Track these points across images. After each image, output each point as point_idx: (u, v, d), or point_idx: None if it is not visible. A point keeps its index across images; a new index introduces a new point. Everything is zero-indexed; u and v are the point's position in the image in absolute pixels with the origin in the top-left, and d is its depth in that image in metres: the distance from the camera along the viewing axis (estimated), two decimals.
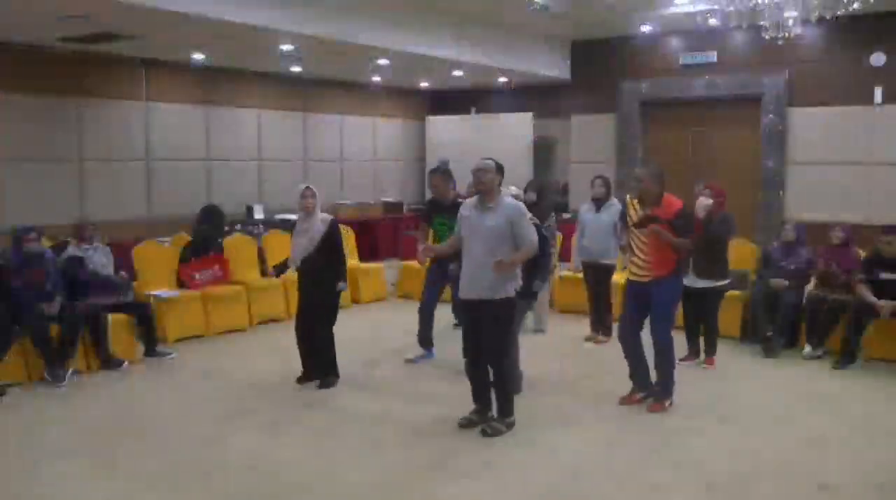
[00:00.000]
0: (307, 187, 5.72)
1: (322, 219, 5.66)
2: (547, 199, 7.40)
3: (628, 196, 5.37)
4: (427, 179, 6.62)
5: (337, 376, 5.80)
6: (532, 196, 7.14)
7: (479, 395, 4.90)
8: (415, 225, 6.70)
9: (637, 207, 5.22)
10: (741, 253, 7.38)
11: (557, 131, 13.23)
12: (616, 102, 12.00)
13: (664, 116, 11.79)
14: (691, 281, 6.32)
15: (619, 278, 7.36)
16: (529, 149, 13.02)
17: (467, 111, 13.89)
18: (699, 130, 11.50)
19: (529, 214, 4.95)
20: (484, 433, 4.75)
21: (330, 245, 5.63)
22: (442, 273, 6.30)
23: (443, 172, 6.54)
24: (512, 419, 4.86)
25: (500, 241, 4.63)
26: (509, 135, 13.14)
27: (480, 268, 4.62)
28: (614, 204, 7.00)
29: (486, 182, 4.70)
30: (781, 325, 6.70)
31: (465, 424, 4.88)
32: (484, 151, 12.90)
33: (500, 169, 4.92)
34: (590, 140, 12.28)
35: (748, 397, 5.60)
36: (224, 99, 11.45)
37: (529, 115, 13.08)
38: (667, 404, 5.26)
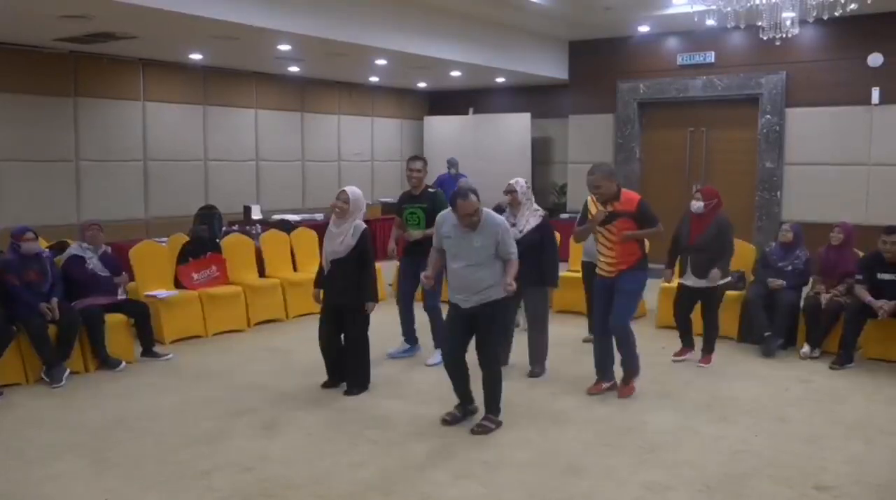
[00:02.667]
0: (342, 190, 5.53)
1: (355, 227, 5.47)
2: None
3: (588, 198, 5.49)
4: (406, 165, 6.62)
5: (366, 386, 5.65)
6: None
7: (462, 391, 5.01)
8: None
9: (598, 205, 5.37)
10: (739, 253, 7.38)
11: (555, 132, 13.25)
12: (614, 102, 12.02)
13: (662, 117, 11.80)
14: (689, 280, 6.35)
15: None
16: (527, 149, 13.03)
17: (465, 111, 13.91)
18: (697, 130, 11.51)
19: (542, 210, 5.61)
20: (474, 432, 4.81)
21: (360, 255, 5.46)
22: (415, 264, 6.29)
23: (424, 159, 6.59)
24: (500, 418, 4.92)
25: (487, 257, 4.75)
26: (507, 135, 13.15)
27: (472, 285, 4.75)
28: None
29: (474, 218, 4.68)
30: (779, 325, 6.71)
31: (450, 420, 4.95)
32: (482, 151, 13.06)
33: (477, 196, 4.76)
34: (588, 140, 12.29)
35: (746, 397, 5.61)
36: (222, 99, 11.45)
37: (527, 115, 13.09)
38: (634, 383, 5.51)
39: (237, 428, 4.95)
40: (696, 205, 6.28)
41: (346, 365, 5.66)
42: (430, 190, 6.55)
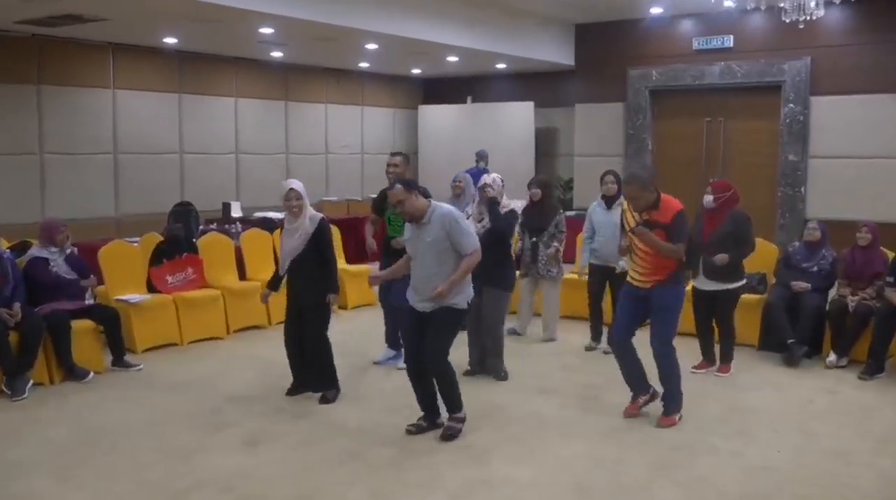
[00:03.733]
0: (290, 189, 5.62)
1: (311, 217, 5.63)
2: (552, 197, 7.46)
3: (624, 201, 5.44)
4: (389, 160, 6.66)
5: (337, 388, 5.77)
6: (536, 193, 7.17)
7: (426, 402, 5.12)
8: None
9: (633, 213, 5.28)
10: (760, 254, 7.39)
11: (561, 122, 13.27)
12: (624, 90, 12.03)
13: (676, 106, 11.82)
14: (701, 283, 6.36)
15: None
16: (530, 141, 13.05)
17: (463, 100, 13.92)
18: (714, 120, 11.54)
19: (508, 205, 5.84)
20: (444, 438, 4.93)
21: (318, 246, 5.60)
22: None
23: (405, 155, 6.65)
24: (463, 412, 5.05)
25: (443, 253, 4.85)
26: (508, 125, 13.17)
27: (421, 280, 4.91)
28: (621, 204, 6.96)
29: (407, 211, 4.88)
30: (803, 331, 6.72)
31: (414, 431, 5.06)
32: (481, 143, 13.10)
33: (408, 189, 4.91)
34: (595, 131, 12.31)
35: (767, 409, 5.63)
36: (199, 87, 11.45)
37: (530, 104, 13.11)
38: (677, 418, 5.30)
39: (216, 443, 4.95)
40: (707, 199, 6.31)
41: (312, 369, 5.75)
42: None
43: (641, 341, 5.37)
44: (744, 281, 6.45)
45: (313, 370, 5.76)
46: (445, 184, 7.79)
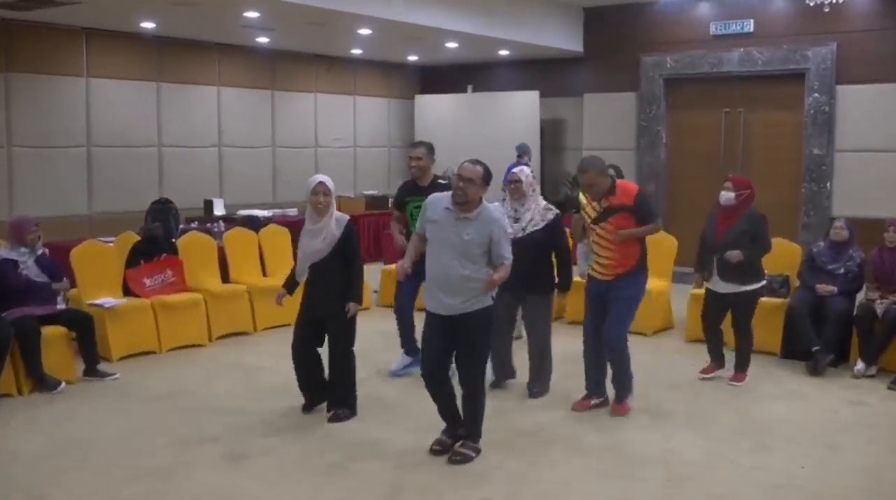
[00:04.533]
0: (320, 183, 5.48)
1: (337, 219, 5.50)
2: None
3: (581, 194, 5.70)
4: (407, 154, 6.65)
5: (353, 410, 5.66)
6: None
7: (448, 413, 5.02)
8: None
9: (592, 201, 5.55)
10: (782, 255, 7.41)
11: (568, 113, 13.27)
12: (636, 78, 12.03)
13: (692, 96, 11.81)
14: (716, 285, 6.38)
15: (650, 284, 7.32)
16: (535, 133, 13.05)
17: (463, 89, 13.92)
18: (732, 111, 11.54)
19: (553, 208, 5.86)
20: (452, 461, 4.86)
21: (346, 252, 5.48)
22: (417, 266, 6.34)
23: (427, 144, 6.60)
24: (479, 443, 4.97)
25: (474, 255, 4.74)
26: (512, 117, 13.17)
27: (453, 285, 4.74)
28: None
29: (469, 194, 4.71)
30: (829, 338, 6.73)
31: (439, 449, 4.96)
32: (483, 135, 13.08)
33: (486, 180, 4.82)
34: (606, 123, 12.30)
35: (789, 421, 5.63)
36: (179, 75, 11.45)
37: (535, 94, 13.12)
38: (628, 402, 5.70)
39: (197, 460, 4.94)
40: (727, 196, 6.31)
41: (330, 384, 5.66)
42: (441, 181, 6.56)
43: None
44: (763, 283, 6.45)
45: (335, 387, 5.63)
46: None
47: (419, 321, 6.55)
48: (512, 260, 4.83)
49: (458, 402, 4.99)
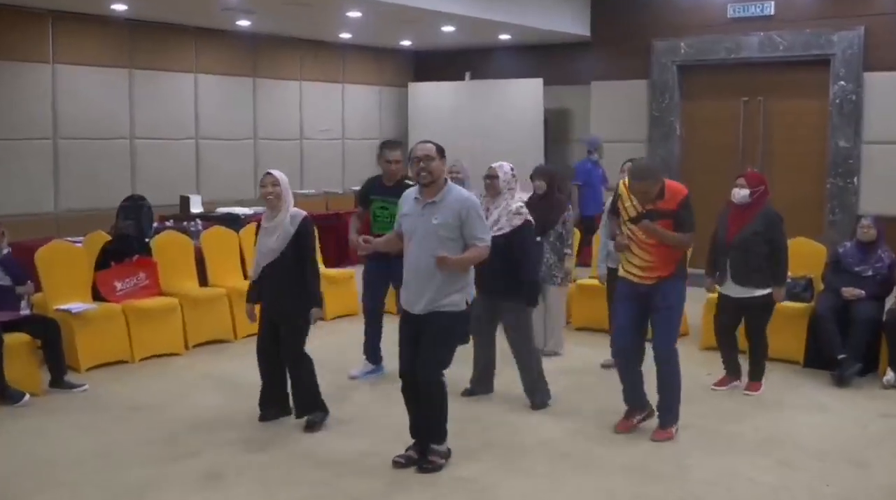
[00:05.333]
0: (267, 173, 5.61)
1: (292, 216, 5.58)
2: (562, 190, 7.45)
3: (620, 183, 5.61)
4: (378, 152, 6.78)
5: (324, 410, 5.76)
6: (541, 186, 7.17)
7: (420, 427, 5.07)
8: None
9: (633, 198, 5.42)
10: (805, 255, 7.42)
11: (574, 102, 13.26)
12: (648, 65, 12.05)
13: (708, 84, 11.83)
14: (729, 289, 6.39)
15: None
16: (539, 124, 13.05)
17: (461, 77, 13.91)
18: (752, 100, 11.55)
19: (525, 212, 5.78)
20: (421, 470, 4.92)
21: (298, 250, 5.56)
22: (383, 269, 6.51)
23: (404, 148, 6.67)
24: (445, 445, 5.01)
25: (448, 243, 4.80)
26: (513, 107, 13.16)
27: (423, 277, 4.83)
28: None
29: (433, 171, 4.85)
30: (856, 345, 6.73)
31: (403, 463, 5.01)
32: (482, 127, 13.07)
33: (441, 153, 4.97)
34: (615, 113, 12.32)
35: (813, 436, 5.64)
36: (152, 62, 11.42)
37: (539, 81, 13.10)
38: (673, 430, 5.51)
39: (173, 477, 4.94)
40: (741, 193, 6.31)
41: (293, 391, 5.75)
42: (409, 182, 6.61)
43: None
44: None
45: (295, 393, 5.75)
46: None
47: (388, 324, 6.64)
48: (488, 246, 4.89)
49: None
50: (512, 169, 6.17)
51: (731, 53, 11.44)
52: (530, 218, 6.01)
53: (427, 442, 5.02)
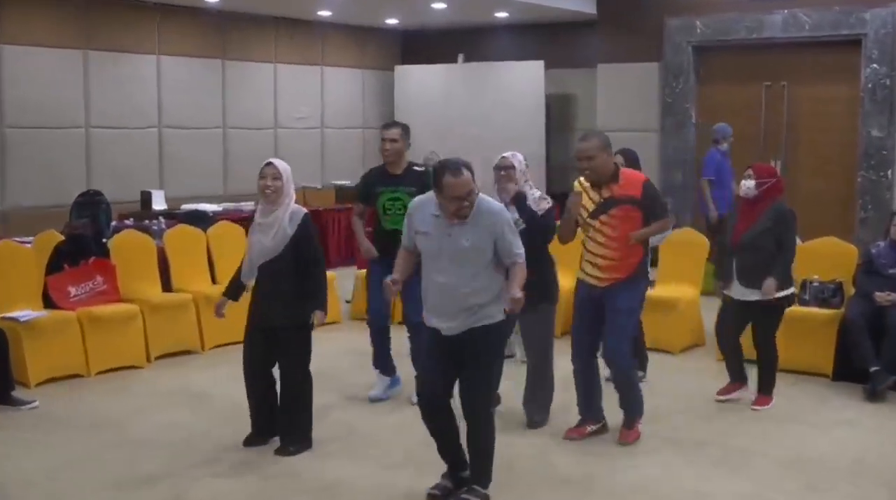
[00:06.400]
0: (268, 164, 5.55)
1: (292, 213, 5.52)
2: None
3: (576, 182, 5.75)
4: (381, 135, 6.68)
5: (308, 441, 5.66)
6: None
7: (450, 450, 4.94)
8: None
9: (589, 191, 5.60)
10: (834, 256, 7.43)
11: (579, 87, 13.29)
12: (660, 46, 12.06)
13: (727, 66, 11.86)
14: (735, 291, 6.42)
15: (676, 291, 7.36)
16: (540, 111, 13.07)
17: (453, 59, 13.93)
18: (775, 84, 11.58)
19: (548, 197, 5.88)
20: None
21: (302, 252, 5.49)
22: (390, 269, 6.40)
23: (403, 126, 6.65)
24: (489, 489, 4.86)
25: (480, 262, 4.70)
26: (511, 92, 13.18)
27: (454, 303, 4.70)
28: None
29: (474, 202, 4.64)
30: (890, 356, 6.74)
31: (440, 495, 4.90)
32: (476, 114, 13.08)
33: (472, 173, 4.73)
34: (623, 99, 12.33)
35: (844, 456, 5.64)
36: (110, 42, 11.40)
37: (540, 64, 13.13)
38: (638, 425, 5.80)
39: None
40: (747, 186, 6.35)
41: (281, 412, 5.68)
42: (417, 168, 6.62)
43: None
44: (791, 290, 6.46)
45: (285, 415, 5.65)
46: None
47: (397, 334, 6.63)
48: (524, 260, 4.78)
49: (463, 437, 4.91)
50: (525, 158, 6.16)
51: (752, 33, 11.47)
52: (552, 204, 6.07)
53: (472, 481, 4.84)
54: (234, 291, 5.76)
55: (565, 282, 6.37)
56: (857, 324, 6.83)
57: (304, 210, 5.61)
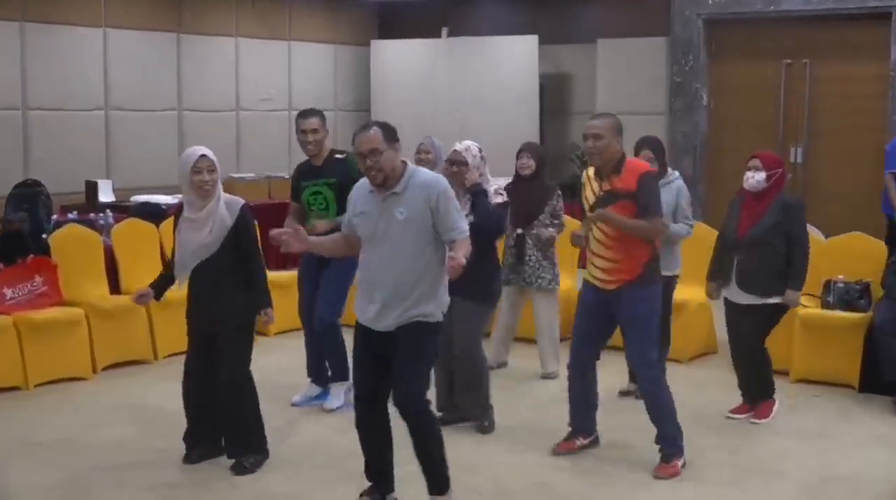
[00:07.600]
0: (202, 156, 5.57)
1: (228, 204, 5.58)
2: (546, 173, 7.52)
3: (585, 172, 5.81)
4: (296, 125, 6.78)
5: (264, 453, 5.75)
6: (529, 164, 7.22)
7: (380, 464, 5.04)
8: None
9: (593, 182, 5.65)
10: (862, 255, 7.47)
11: (577, 65, 13.30)
12: (667, 19, 12.09)
13: (742, 42, 11.90)
14: (733, 294, 6.47)
15: (685, 294, 7.41)
16: (533, 91, 13.07)
17: (437, 33, 13.92)
18: (795, 62, 11.62)
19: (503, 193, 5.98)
20: None
21: (240, 247, 5.57)
22: (322, 268, 6.61)
23: (322, 115, 6.75)
24: (450, 495, 4.94)
25: (421, 238, 4.78)
26: (501, 70, 13.18)
27: (390, 290, 4.78)
28: (674, 180, 6.92)
29: (384, 167, 4.76)
30: None
31: None
32: (462, 94, 13.04)
33: (389, 136, 4.84)
34: (626, 78, 12.36)
35: (874, 477, 5.68)
36: (50, 14, 11.36)
37: (533, 39, 13.13)
38: (679, 464, 5.63)
39: None
40: (755, 177, 6.35)
41: (222, 423, 5.72)
42: (339, 156, 6.74)
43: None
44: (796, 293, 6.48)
45: (227, 425, 5.71)
46: (409, 151, 7.80)
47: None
48: (468, 236, 4.86)
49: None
50: (480, 149, 6.26)
51: (770, 5, 11.50)
52: (507, 200, 6.26)
53: (430, 492, 4.94)
54: (161, 286, 5.88)
55: (565, 282, 6.41)
56: (886, 329, 6.87)
57: (241, 200, 5.71)
